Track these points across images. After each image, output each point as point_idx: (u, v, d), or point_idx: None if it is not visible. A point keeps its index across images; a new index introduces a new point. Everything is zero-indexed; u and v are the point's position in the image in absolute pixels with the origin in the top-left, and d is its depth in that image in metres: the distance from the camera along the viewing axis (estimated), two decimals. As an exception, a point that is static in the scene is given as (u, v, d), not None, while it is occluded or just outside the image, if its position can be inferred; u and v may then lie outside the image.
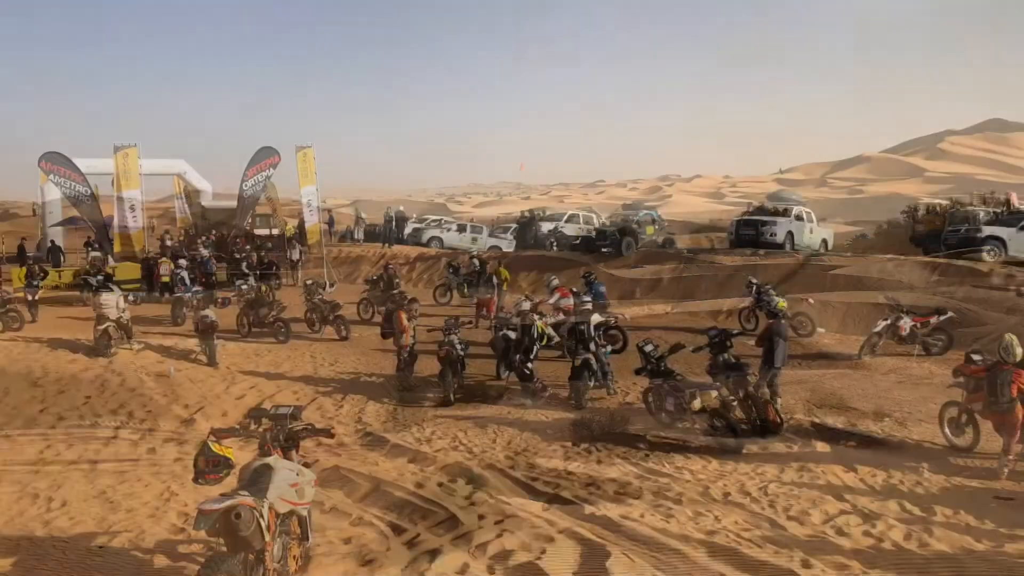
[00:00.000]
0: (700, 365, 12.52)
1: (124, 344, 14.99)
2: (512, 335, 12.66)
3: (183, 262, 21.82)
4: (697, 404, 9.42)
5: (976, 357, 9.15)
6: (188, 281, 20.26)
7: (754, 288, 16.93)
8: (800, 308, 16.85)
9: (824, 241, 24.72)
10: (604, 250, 24.47)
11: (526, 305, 13.12)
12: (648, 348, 10.76)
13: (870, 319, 16.33)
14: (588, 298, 14.60)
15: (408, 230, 32.89)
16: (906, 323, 14.41)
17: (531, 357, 12.09)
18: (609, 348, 13.13)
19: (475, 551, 6.21)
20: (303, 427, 5.61)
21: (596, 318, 12.59)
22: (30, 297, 19.68)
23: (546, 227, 28.71)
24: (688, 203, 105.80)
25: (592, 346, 11.82)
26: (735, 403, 9.94)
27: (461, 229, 32.93)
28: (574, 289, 16.93)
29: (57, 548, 6.31)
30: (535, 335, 12.25)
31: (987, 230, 20.38)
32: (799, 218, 23.46)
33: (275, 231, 32.07)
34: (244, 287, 18.81)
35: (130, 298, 16.23)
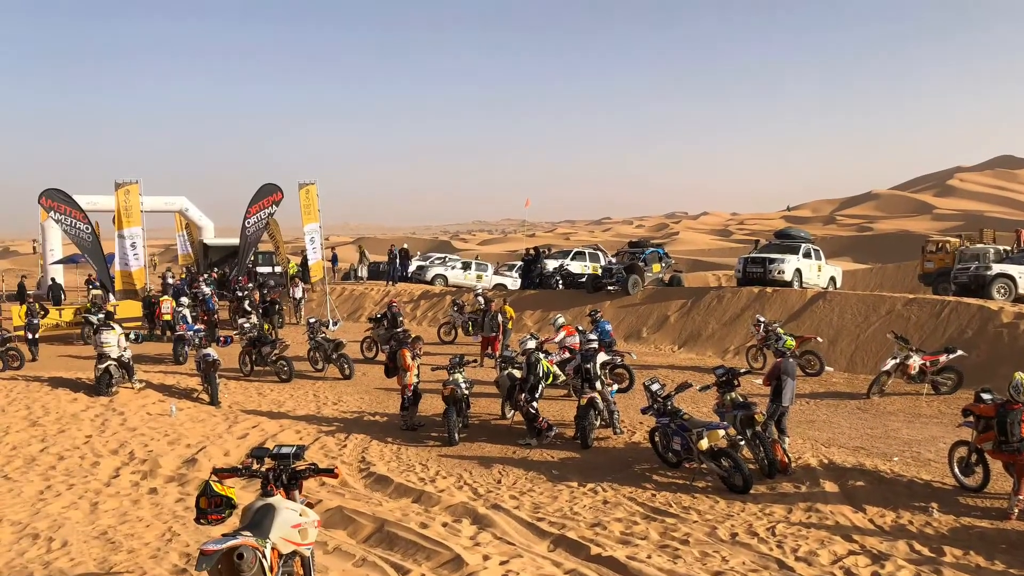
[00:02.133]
0: (707, 404, 12.45)
1: (125, 383, 14.98)
2: (517, 374, 12.59)
3: (185, 300, 21.87)
4: (704, 443, 9.32)
5: (986, 396, 9.06)
6: (190, 319, 20.26)
7: (762, 326, 16.86)
8: (808, 346, 16.77)
9: (832, 279, 24.62)
10: (610, 288, 24.43)
11: (531, 343, 13.07)
12: (655, 387, 10.68)
13: (879, 357, 16.25)
14: (594, 336, 14.56)
15: (412, 268, 32.93)
16: (915, 362, 14.31)
17: (536, 396, 12.01)
18: (615, 387, 13.05)
19: (479, 594, 6.11)
20: (306, 467, 5.55)
21: (602, 357, 12.52)
22: (30, 335, 19.72)
23: (551, 265, 28.67)
24: (695, 240, 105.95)
25: (598, 385, 11.76)
26: (743, 442, 9.84)
27: (466, 267, 32.94)
28: (580, 327, 16.90)
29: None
30: (540, 374, 12.19)
31: (997, 268, 20.31)
32: (807, 255, 23.40)
33: (278, 268, 32.18)
34: (246, 325, 18.77)
35: (131, 336, 16.17)
